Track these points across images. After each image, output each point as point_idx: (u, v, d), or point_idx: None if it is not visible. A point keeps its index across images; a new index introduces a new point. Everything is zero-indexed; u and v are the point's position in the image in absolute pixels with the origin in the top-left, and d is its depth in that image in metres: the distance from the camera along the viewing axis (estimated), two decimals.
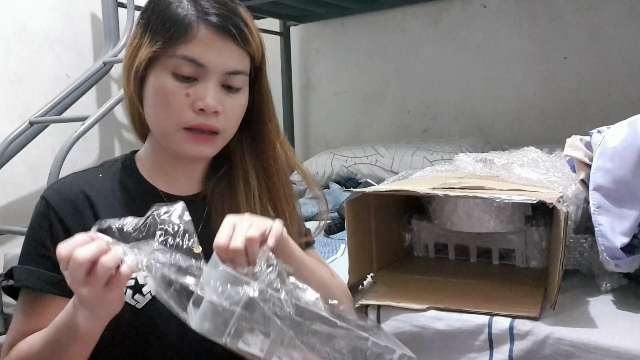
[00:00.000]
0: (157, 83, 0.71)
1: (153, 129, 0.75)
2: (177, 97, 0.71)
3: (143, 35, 0.72)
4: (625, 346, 0.72)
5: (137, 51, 0.72)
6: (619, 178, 0.81)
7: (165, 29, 0.70)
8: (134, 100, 0.75)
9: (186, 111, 0.71)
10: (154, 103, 0.72)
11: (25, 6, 2.01)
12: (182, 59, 0.70)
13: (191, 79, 0.71)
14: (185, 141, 0.72)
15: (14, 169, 1.90)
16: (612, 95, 1.89)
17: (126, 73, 0.74)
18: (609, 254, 0.81)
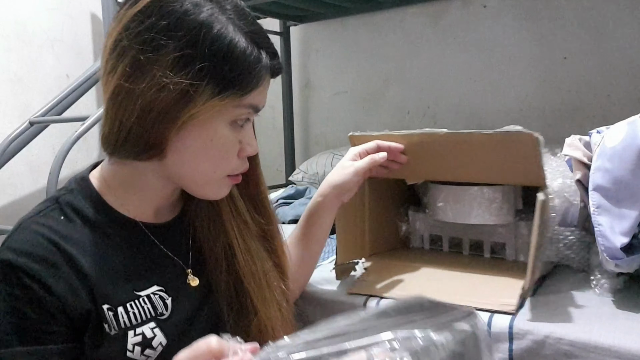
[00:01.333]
0: (216, 135, 0.63)
1: (185, 173, 0.65)
2: (234, 147, 0.66)
3: (199, 78, 0.59)
4: (625, 346, 0.72)
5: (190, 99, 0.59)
6: (619, 178, 0.81)
7: (239, 79, 0.61)
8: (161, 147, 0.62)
9: (234, 160, 0.67)
10: (206, 154, 0.63)
11: (25, 6, 2.01)
12: (249, 108, 0.65)
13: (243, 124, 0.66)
14: (224, 186, 0.68)
15: (14, 169, 1.91)
16: (612, 95, 1.89)
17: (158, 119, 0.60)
18: (609, 254, 0.81)
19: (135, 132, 0.61)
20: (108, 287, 0.63)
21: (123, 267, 0.65)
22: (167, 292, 0.68)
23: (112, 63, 0.62)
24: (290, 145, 2.52)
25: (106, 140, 0.65)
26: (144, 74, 0.59)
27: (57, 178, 1.40)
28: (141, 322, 0.64)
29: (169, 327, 0.66)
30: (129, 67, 0.60)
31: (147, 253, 0.68)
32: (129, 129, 0.61)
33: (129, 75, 0.60)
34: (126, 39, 0.60)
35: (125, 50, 0.60)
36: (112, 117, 0.63)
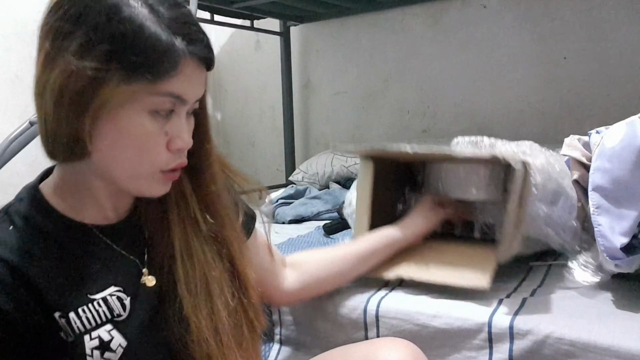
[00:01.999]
0: (132, 124, 0.60)
1: (112, 168, 0.63)
2: (157, 138, 0.62)
3: (108, 65, 0.57)
4: (625, 346, 0.72)
5: (99, 85, 0.57)
6: (618, 178, 0.82)
7: (149, 63, 0.58)
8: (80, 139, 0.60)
9: (163, 153, 0.63)
10: (125, 146, 0.61)
11: (25, 6, 2.02)
12: (168, 96, 0.61)
13: (166, 115, 0.62)
14: (158, 183, 0.65)
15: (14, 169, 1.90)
16: (611, 95, 1.89)
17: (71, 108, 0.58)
18: (608, 255, 0.81)
19: (55, 126, 0.60)
20: (58, 294, 0.61)
21: (75, 272, 0.63)
22: (126, 292, 0.66)
23: (37, 59, 0.61)
24: (290, 145, 2.52)
25: (43, 143, 0.63)
26: (54, 63, 0.58)
27: None
28: (96, 325, 0.62)
29: (128, 328, 0.64)
30: (44, 59, 0.59)
31: (101, 255, 0.66)
32: (50, 124, 0.60)
33: (44, 67, 0.59)
34: (43, 31, 0.60)
35: (43, 41, 0.60)
36: (39, 114, 0.61)
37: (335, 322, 0.94)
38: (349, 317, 0.92)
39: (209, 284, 0.70)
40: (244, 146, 2.78)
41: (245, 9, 2.19)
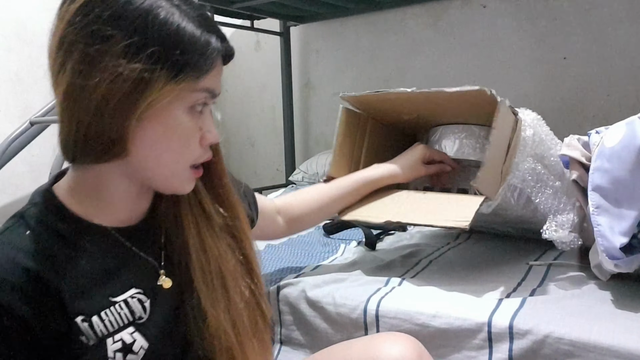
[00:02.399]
0: (175, 122, 0.62)
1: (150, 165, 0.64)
2: (194, 134, 0.64)
3: (152, 63, 0.58)
4: (625, 345, 0.72)
5: (146, 86, 0.58)
6: (618, 178, 0.82)
7: (193, 62, 0.60)
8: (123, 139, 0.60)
9: (197, 148, 0.65)
10: (167, 142, 0.62)
11: (25, 6, 2.02)
12: (205, 92, 0.63)
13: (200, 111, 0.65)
14: (189, 180, 0.67)
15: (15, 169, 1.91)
16: (611, 95, 1.89)
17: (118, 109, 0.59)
18: (608, 254, 0.81)
19: (94, 130, 0.59)
20: (80, 298, 0.61)
21: (96, 275, 0.63)
22: (145, 294, 0.66)
23: (59, 62, 0.61)
24: (290, 145, 2.52)
25: (65, 146, 0.62)
26: (95, 67, 0.58)
27: None
28: (119, 328, 0.63)
29: (149, 330, 0.65)
30: (79, 63, 0.59)
31: (120, 257, 0.66)
32: (86, 128, 0.59)
33: (80, 71, 0.58)
34: (72, 35, 0.59)
35: (72, 47, 0.59)
36: (68, 119, 0.61)
37: (335, 322, 0.94)
38: (349, 316, 0.92)
39: (224, 277, 0.70)
40: (244, 146, 2.79)
41: (245, 9, 2.19)
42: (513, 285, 0.94)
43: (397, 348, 0.72)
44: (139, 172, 0.65)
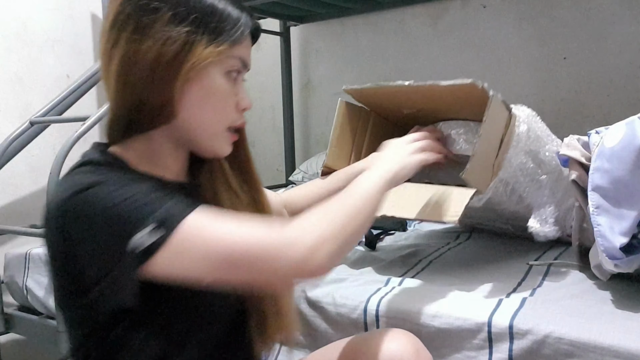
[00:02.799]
0: (214, 83, 0.70)
1: (193, 128, 0.71)
2: (231, 97, 0.72)
3: (196, 32, 0.67)
4: (624, 345, 0.72)
5: (190, 48, 0.67)
6: (618, 178, 0.82)
7: (227, 29, 0.69)
8: (172, 99, 0.68)
9: (233, 112, 0.73)
10: (208, 103, 0.71)
11: (25, 6, 2.02)
12: (239, 60, 0.72)
13: (234, 80, 0.73)
14: (228, 141, 0.75)
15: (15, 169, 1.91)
16: (611, 95, 1.89)
17: (166, 71, 0.67)
18: (608, 255, 0.81)
19: (147, 94, 0.68)
20: None
21: None
22: None
23: (114, 37, 0.69)
24: (290, 145, 2.52)
25: (118, 119, 0.70)
26: (147, 33, 0.67)
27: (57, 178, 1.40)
28: None
29: None
30: (133, 33, 0.67)
31: None
32: (140, 94, 0.68)
33: (134, 39, 0.67)
34: (125, 11, 0.68)
35: (126, 20, 0.68)
36: (123, 87, 0.68)
37: (335, 322, 0.94)
38: (349, 317, 0.92)
39: None
40: None
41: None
42: (513, 285, 0.95)
43: (396, 343, 0.73)
44: (185, 135, 0.72)
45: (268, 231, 0.62)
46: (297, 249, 0.60)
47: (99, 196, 0.61)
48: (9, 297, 1.63)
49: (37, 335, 1.55)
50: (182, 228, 0.60)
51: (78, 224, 0.61)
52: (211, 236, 0.61)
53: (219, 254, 0.60)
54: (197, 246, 0.60)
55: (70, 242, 0.62)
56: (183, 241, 0.60)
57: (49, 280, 1.48)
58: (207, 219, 0.62)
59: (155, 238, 0.59)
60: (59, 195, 0.63)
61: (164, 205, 0.61)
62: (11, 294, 1.62)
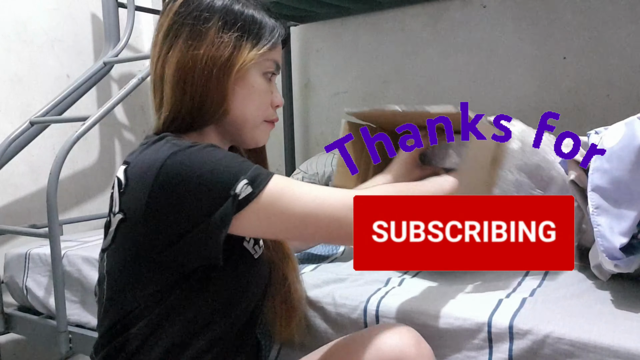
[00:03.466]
0: (256, 83, 0.81)
1: (240, 121, 0.81)
2: (268, 95, 0.83)
3: (242, 38, 0.78)
4: (624, 346, 0.72)
5: (238, 52, 0.78)
6: (617, 179, 0.82)
7: (266, 36, 0.80)
8: (226, 96, 0.78)
9: (269, 107, 0.84)
10: (252, 99, 0.81)
11: (25, 6, 2.02)
12: (273, 62, 0.83)
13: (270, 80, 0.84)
14: (266, 132, 0.86)
15: (15, 169, 1.91)
16: (611, 95, 1.89)
17: (220, 71, 0.77)
18: (608, 255, 0.81)
19: (205, 91, 0.77)
20: None
21: None
22: None
23: (168, 45, 0.79)
24: (290, 145, 2.52)
25: (176, 118, 0.78)
26: (203, 39, 0.77)
27: (57, 178, 1.40)
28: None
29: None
30: (188, 39, 0.77)
31: None
32: (200, 95, 0.77)
33: (190, 45, 0.77)
34: (180, 21, 0.79)
35: (181, 28, 0.78)
36: (180, 90, 0.77)
37: (335, 322, 0.94)
38: (349, 317, 0.92)
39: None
40: None
41: None
42: (513, 285, 0.95)
43: (397, 337, 0.74)
44: (231, 128, 0.82)
45: (344, 193, 0.72)
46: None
47: (199, 154, 0.70)
48: (8, 297, 1.63)
49: (37, 335, 1.55)
50: (270, 186, 0.70)
51: (179, 179, 0.68)
52: (299, 194, 0.71)
53: (305, 210, 0.70)
54: (285, 202, 0.70)
55: (165, 197, 0.69)
56: (272, 197, 0.70)
57: (49, 279, 1.48)
58: (291, 181, 0.72)
59: (249, 192, 0.69)
60: (154, 155, 0.71)
61: (253, 167, 0.71)
62: (11, 294, 1.62)
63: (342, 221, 0.70)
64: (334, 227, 0.71)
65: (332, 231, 0.71)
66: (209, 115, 0.79)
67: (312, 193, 0.71)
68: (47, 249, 1.47)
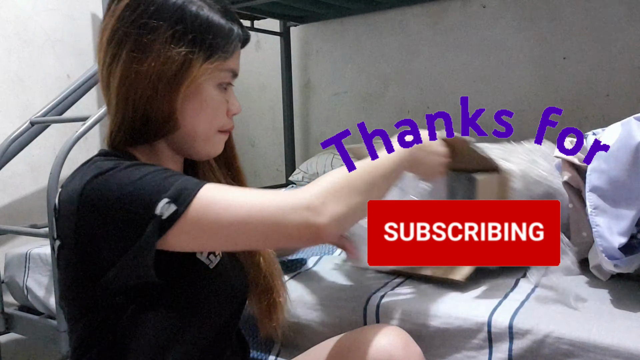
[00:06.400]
0: (209, 96, 0.75)
1: (191, 135, 0.76)
2: (223, 106, 0.77)
3: (193, 50, 0.71)
4: (624, 345, 0.72)
5: (188, 66, 0.71)
6: (615, 179, 0.82)
7: (221, 46, 0.73)
8: (174, 112, 0.72)
9: (224, 117, 0.78)
10: (203, 113, 0.75)
11: (26, 6, 2.02)
12: (230, 72, 0.76)
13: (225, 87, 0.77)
14: (220, 143, 0.79)
15: (15, 169, 1.91)
16: (611, 95, 1.89)
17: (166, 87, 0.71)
18: (607, 255, 0.81)
19: (150, 107, 0.71)
20: None
21: None
22: None
23: (112, 52, 0.72)
24: (290, 145, 2.52)
25: (119, 130, 0.73)
26: (148, 52, 0.70)
27: (57, 178, 1.40)
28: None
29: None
30: (133, 51, 0.70)
31: None
32: (144, 109, 0.71)
33: (134, 57, 0.70)
34: (123, 27, 0.71)
35: (125, 37, 0.71)
36: (124, 103, 0.71)
37: (335, 323, 0.94)
38: (349, 318, 0.92)
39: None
40: (244, 146, 2.78)
41: (246, 9, 2.19)
42: (512, 285, 0.95)
43: (385, 339, 0.75)
44: (183, 142, 0.76)
45: (275, 195, 0.67)
46: (306, 207, 0.65)
47: (117, 177, 0.65)
48: (9, 296, 1.63)
49: (37, 335, 1.55)
50: (196, 200, 0.64)
51: (99, 205, 0.65)
52: (227, 204, 0.65)
53: (236, 219, 0.64)
54: (214, 215, 0.64)
55: (89, 225, 0.66)
56: (199, 212, 0.64)
57: (49, 279, 1.48)
58: (219, 191, 0.67)
59: (173, 210, 0.63)
60: (78, 181, 0.67)
61: (178, 181, 0.65)
62: (11, 294, 1.62)
63: (275, 223, 0.65)
64: (269, 231, 0.65)
65: (268, 235, 0.66)
66: (156, 130, 0.73)
67: (241, 199, 0.66)
68: (47, 249, 1.47)
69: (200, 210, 0.64)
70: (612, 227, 0.81)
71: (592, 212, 0.83)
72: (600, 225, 0.82)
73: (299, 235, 0.66)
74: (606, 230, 0.81)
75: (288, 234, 0.65)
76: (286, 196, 0.66)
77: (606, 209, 0.82)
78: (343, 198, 0.68)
